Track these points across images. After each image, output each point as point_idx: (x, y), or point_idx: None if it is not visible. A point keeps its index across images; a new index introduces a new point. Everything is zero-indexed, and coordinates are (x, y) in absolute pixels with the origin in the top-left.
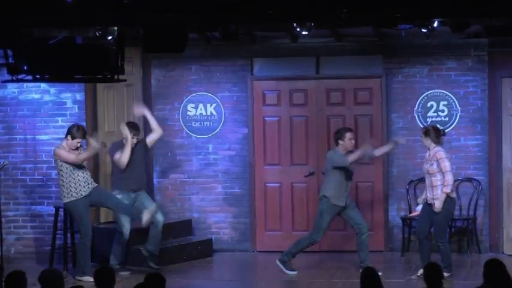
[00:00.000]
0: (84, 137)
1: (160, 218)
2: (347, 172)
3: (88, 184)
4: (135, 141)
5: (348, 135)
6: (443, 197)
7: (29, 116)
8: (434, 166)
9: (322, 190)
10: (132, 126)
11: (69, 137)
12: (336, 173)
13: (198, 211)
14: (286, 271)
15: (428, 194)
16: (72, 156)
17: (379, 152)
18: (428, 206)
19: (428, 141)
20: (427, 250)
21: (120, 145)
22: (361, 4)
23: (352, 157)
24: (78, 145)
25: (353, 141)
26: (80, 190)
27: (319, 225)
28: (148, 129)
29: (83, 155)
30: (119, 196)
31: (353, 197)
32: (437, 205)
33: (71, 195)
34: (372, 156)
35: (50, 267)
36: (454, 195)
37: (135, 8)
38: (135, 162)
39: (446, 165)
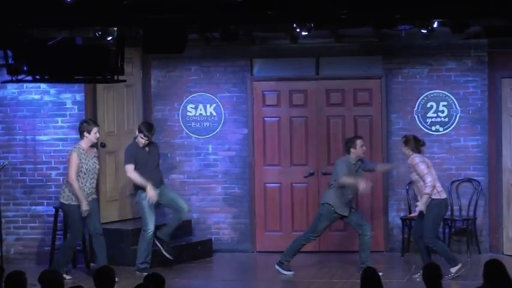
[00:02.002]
0: (97, 124)
1: (184, 206)
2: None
3: (91, 195)
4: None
5: (359, 142)
6: (425, 198)
7: (29, 116)
8: (414, 173)
9: (325, 197)
10: (148, 127)
11: (86, 134)
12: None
13: (197, 211)
14: (283, 271)
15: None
16: (73, 171)
17: (380, 168)
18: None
19: (407, 150)
20: (424, 249)
21: (133, 150)
22: (361, 5)
23: (346, 180)
24: (98, 135)
25: (364, 148)
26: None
27: (316, 227)
28: (159, 130)
29: (76, 186)
30: (144, 194)
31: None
32: (421, 207)
33: (71, 198)
34: (371, 169)
35: (50, 267)
36: (443, 196)
37: (135, 8)
38: (150, 163)
39: (421, 168)
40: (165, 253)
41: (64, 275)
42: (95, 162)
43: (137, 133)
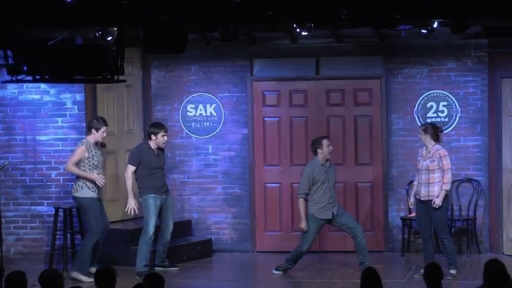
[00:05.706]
0: (106, 123)
1: (168, 237)
2: (325, 182)
3: (98, 189)
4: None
5: (325, 142)
6: (443, 194)
7: (29, 116)
8: (436, 163)
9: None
10: (160, 124)
11: (94, 131)
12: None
13: (197, 211)
14: (274, 271)
15: (422, 191)
16: (73, 159)
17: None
18: (422, 203)
19: (427, 139)
20: (432, 249)
21: (140, 153)
22: (361, 5)
23: (300, 199)
24: (105, 134)
25: (331, 148)
26: (96, 189)
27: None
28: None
29: (75, 170)
30: (152, 196)
31: (353, 197)
32: (438, 202)
33: (85, 191)
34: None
35: (50, 267)
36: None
37: (135, 8)
38: (159, 167)
39: (448, 162)
40: (171, 270)
41: (93, 268)
42: (101, 155)
43: (153, 137)
